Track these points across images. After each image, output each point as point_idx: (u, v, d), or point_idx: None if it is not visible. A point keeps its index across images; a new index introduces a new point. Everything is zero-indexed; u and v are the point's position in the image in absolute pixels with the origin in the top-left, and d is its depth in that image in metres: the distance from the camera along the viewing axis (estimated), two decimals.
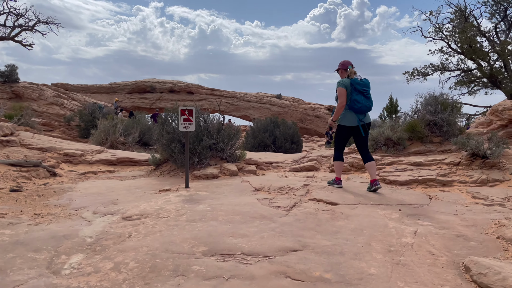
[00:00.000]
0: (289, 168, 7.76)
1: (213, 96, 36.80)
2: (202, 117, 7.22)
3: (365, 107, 5.10)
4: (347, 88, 5.12)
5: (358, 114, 5.16)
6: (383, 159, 7.16)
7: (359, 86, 5.07)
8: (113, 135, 12.13)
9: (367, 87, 5.14)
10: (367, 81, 5.22)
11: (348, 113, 5.20)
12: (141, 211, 4.18)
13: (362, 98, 5.06)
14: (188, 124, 5.39)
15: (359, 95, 5.05)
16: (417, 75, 15.32)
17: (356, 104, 5.06)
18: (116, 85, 36.66)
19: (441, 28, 14.49)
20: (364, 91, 5.09)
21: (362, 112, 5.15)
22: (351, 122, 5.19)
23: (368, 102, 5.11)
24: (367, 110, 5.16)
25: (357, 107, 5.06)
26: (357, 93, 5.06)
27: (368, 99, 5.12)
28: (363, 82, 5.14)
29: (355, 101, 5.06)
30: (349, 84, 5.13)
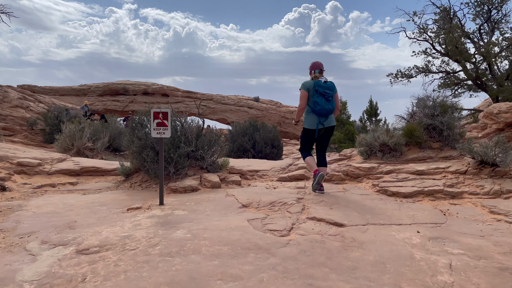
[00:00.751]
0: (276, 177, 7.00)
1: (189, 98, 35.72)
2: (179, 121, 6.36)
3: (325, 110, 5.07)
4: (309, 90, 5.13)
5: (320, 116, 5.15)
6: (380, 167, 6.50)
7: (321, 88, 5.06)
8: (80, 140, 11.06)
9: (329, 90, 5.11)
10: (332, 84, 5.18)
11: (310, 116, 5.22)
12: (102, 240, 3.30)
13: (323, 101, 5.06)
14: (162, 130, 4.54)
15: (320, 98, 5.06)
16: (401, 77, 14.95)
17: (316, 106, 5.07)
18: (86, 87, 35.04)
19: (425, 29, 14.16)
20: (326, 94, 5.07)
21: (322, 114, 5.12)
22: (311, 125, 5.22)
23: (328, 105, 5.08)
24: (327, 112, 5.12)
25: (317, 109, 5.07)
26: (318, 95, 5.06)
27: (328, 102, 5.09)
28: (326, 85, 5.11)
29: (315, 103, 5.07)
30: (312, 86, 5.13)
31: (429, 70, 14.57)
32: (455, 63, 14.29)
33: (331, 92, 5.12)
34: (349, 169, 6.54)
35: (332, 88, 5.15)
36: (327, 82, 5.17)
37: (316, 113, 5.13)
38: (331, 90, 5.13)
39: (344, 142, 10.73)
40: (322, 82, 5.12)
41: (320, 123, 5.18)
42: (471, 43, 14.21)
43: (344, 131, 10.82)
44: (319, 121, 5.17)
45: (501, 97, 12.87)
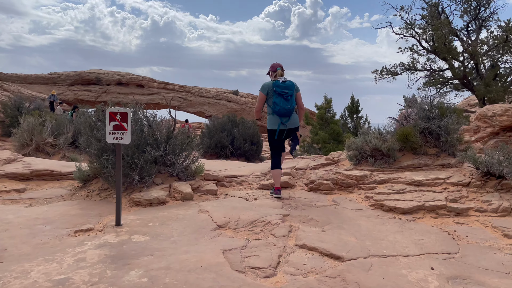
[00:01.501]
0: (257, 184, 6.25)
1: (165, 90, 34.49)
2: (145, 119, 5.51)
3: (284, 110, 5.05)
4: (268, 91, 5.13)
5: (282, 117, 5.12)
6: (373, 175, 5.84)
7: (279, 88, 5.06)
8: (40, 135, 10.00)
9: (288, 89, 5.09)
10: (291, 83, 5.15)
11: (272, 117, 5.20)
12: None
13: (281, 101, 5.05)
14: (120, 134, 3.69)
15: (278, 98, 5.05)
16: (386, 74, 14.42)
17: (275, 106, 5.06)
18: (57, 75, 33.26)
19: (413, 25, 13.63)
20: (284, 94, 5.06)
21: (282, 114, 5.10)
22: (273, 125, 5.21)
23: (287, 104, 5.06)
24: (287, 112, 5.09)
25: (276, 109, 5.06)
26: (277, 96, 5.06)
27: (287, 102, 5.07)
28: (285, 85, 5.09)
29: (274, 103, 5.07)
30: (270, 87, 5.12)
31: (415, 68, 14.08)
32: (442, 61, 13.85)
33: (290, 91, 5.10)
34: (339, 178, 5.85)
35: (291, 88, 5.13)
36: (285, 82, 5.13)
37: (277, 114, 5.10)
38: (290, 89, 5.11)
39: (329, 142, 10.08)
40: (281, 82, 5.10)
41: (282, 124, 5.15)
42: (458, 40, 13.81)
43: (329, 131, 10.17)
44: (281, 121, 5.14)
45: (487, 98, 12.53)
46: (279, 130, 5.15)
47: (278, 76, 5.22)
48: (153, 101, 33.77)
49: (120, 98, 33.32)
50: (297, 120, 5.36)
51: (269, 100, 5.16)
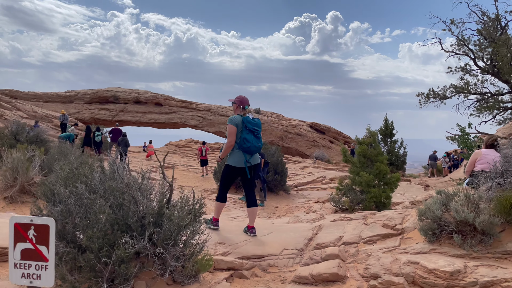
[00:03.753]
0: (290, 270, 4.34)
1: (184, 109, 33.12)
2: (125, 184, 3.69)
3: (255, 147, 4.97)
4: (238, 126, 4.96)
5: (246, 154, 4.99)
6: (468, 268, 3.84)
7: (250, 125, 4.93)
8: (25, 174, 8.41)
9: (258, 127, 5.03)
10: (259, 121, 5.13)
11: (237, 153, 5.03)
12: None
13: (252, 138, 4.94)
14: (35, 269, 1.87)
15: (249, 134, 4.93)
16: (433, 97, 12.44)
17: (246, 143, 4.91)
18: (74, 93, 32.40)
19: (467, 41, 11.62)
20: (255, 131, 4.97)
21: (251, 152, 5.00)
22: (238, 162, 5.03)
23: (258, 142, 5.00)
24: (256, 150, 5.03)
25: (246, 146, 4.92)
26: (247, 132, 4.93)
27: (258, 139, 5.01)
28: (255, 121, 5.01)
29: (245, 140, 4.92)
30: (240, 121, 4.96)
31: (468, 91, 12.01)
32: (504, 83, 11.73)
33: (259, 129, 5.05)
34: (417, 273, 3.87)
35: (260, 125, 5.09)
36: (254, 118, 5.06)
37: (245, 151, 4.96)
38: (259, 127, 5.06)
39: (375, 186, 8.08)
40: (251, 119, 5.00)
41: (247, 161, 5.03)
42: None
43: (374, 171, 8.17)
44: (246, 159, 5.01)
45: None
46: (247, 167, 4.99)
47: (248, 112, 5.05)
48: (172, 120, 32.46)
49: (137, 117, 32.15)
50: (258, 157, 5.22)
51: (237, 135, 4.95)
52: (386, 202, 8.48)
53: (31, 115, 26.06)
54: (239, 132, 4.96)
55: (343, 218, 5.84)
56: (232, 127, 4.92)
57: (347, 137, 35.93)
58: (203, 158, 19.71)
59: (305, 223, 6.26)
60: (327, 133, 34.78)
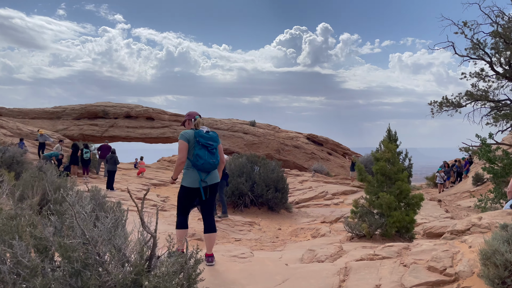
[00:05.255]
0: None
1: (177, 122, 31.97)
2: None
3: (209, 165, 4.48)
4: (190, 141, 4.50)
5: (201, 172, 4.49)
6: None
7: (203, 139, 4.47)
8: None
9: (213, 141, 4.57)
10: (215, 135, 4.67)
11: (191, 172, 4.53)
12: None
13: (206, 154, 4.47)
14: None
15: (202, 150, 4.47)
16: (446, 106, 11.53)
17: (198, 160, 4.44)
18: (61, 109, 31.14)
19: (482, 45, 10.72)
20: (209, 146, 4.51)
21: (205, 170, 4.50)
22: (192, 183, 4.51)
23: (212, 159, 4.51)
24: (211, 167, 4.52)
25: (199, 163, 4.44)
26: (200, 147, 4.47)
27: (213, 155, 4.54)
28: (209, 135, 4.56)
29: (197, 156, 4.45)
30: (192, 136, 4.51)
31: (486, 98, 11.09)
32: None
33: (214, 143, 4.58)
34: None
35: (215, 139, 4.62)
36: (209, 132, 4.60)
37: (198, 169, 4.47)
38: (214, 141, 4.60)
39: (396, 208, 7.01)
40: (204, 132, 4.53)
41: (202, 181, 4.49)
42: None
43: (394, 191, 7.11)
44: (201, 178, 4.48)
45: None
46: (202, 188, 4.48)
47: (200, 125, 4.60)
48: (164, 134, 31.30)
49: (128, 132, 30.96)
50: (217, 175, 4.72)
51: (189, 151, 4.51)
52: (409, 226, 7.39)
53: (16, 132, 24.76)
54: (191, 148, 4.51)
55: (373, 256, 4.73)
56: (182, 142, 4.48)
57: (346, 148, 34.99)
58: None
59: (324, 261, 5.14)
60: (325, 144, 33.80)
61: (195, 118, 4.68)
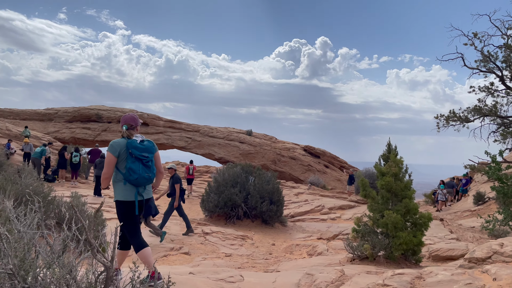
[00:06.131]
0: None
1: (172, 129, 31.31)
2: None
3: (143, 179, 3.95)
4: (120, 153, 3.89)
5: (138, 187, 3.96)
6: None
7: (137, 151, 3.90)
8: None
9: (148, 153, 3.99)
10: (151, 145, 4.05)
11: (125, 186, 3.95)
12: None
13: (140, 167, 3.93)
14: None
15: (136, 163, 3.91)
16: (453, 120, 10.99)
17: (132, 174, 3.89)
18: (54, 111, 30.41)
19: (494, 57, 10.23)
20: (144, 158, 3.95)
21: (139, 185, 3.97)
22: (128, 195, 3.95)
23: (147, 172, 3.98)
24: (146, 182, 4.01)
25: (133, 178, 3.89)
26: (133, 160, 3.90)
27: (148, 169, 3.99)
28: (144, 146, 3.97)
29: (130, 170, 3.89)
30: (124, 147, 3.91)
31: (496, 114, 10.54)
32: None
33: (150, 155, 4.02)
34: None
35: (151, 150, 4.05)
36: (144, 142, 4.00)
37: (133, 183, 3.91)
38: (150, 152, 4.02)
39: (403, 229, 6.38)
40: (138, 143, 3.94)
41: (139, 194, 3.97)
42: None
43: (401, 209, 6.48)
44: (138, 191, 3.96)
45: None
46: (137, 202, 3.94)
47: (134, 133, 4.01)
48: (158, 141, 30.58)
49: None
50: (151, 189, 4.22)
51: (121, 164, 3.93)
52: (416, 249, 6.74)
53: (4, 133, 24.02)
54: (123, 161, 3.94)
55: (382, 287, 4.07)
56: (110, 155, 3.88)
57: (343, 161, 34.41)
58: (190, 177, 19.86)
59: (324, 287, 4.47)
60: (322, 157, 33.21)
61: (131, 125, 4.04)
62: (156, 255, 8.80)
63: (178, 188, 10.28)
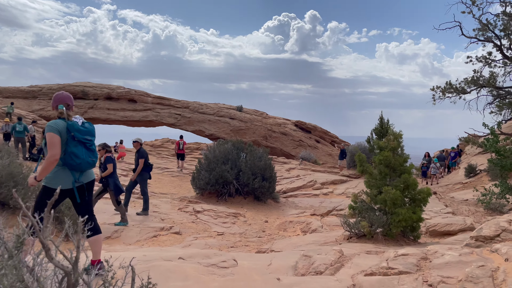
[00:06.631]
0: None
1: (160, 105, 30.63)
2: None
3: (87, 164, 3.66)
4: (62, 134, 3.53)
5: (74, 172, 3.65)
6: None
7: (79, 134, 3.58)
8: None
9: (90, 136, 3.71)
10: (92, 127, 3.78)
11: (61, 171, 3.60)
12: None
13: (83, 151, 3.63)
14: None
15: (78, 147, 3.59)
16: (449, 92, 10.68)
17: (74, 159, 3.56)
18: (38, 88, 29.42)
19: (492, 25, 9.79)
20: (87, 142, 3.66)
21: (83, 170, 3.68)
22: (64, 183, 3.58)
23: (91, 157, 3.70)
24: (89, 167, 3.72)
25: (76, 163, 3.56)
26: (76, 144, 3.58)
27: (92, 153, 3.73)
28: (86, 129, 3.67)
29: (73, 154, 3.56)
30: (64, 129, 3.54)
31: (493, 85, 10.21)
32: None
33: (93, 138, 3.78)
34: None
35: (93, 133, 3.78)
36: (85, 124, 3.70)
37: (73, 169, 3.59)
38: (92, 135, 3.76)
39: (401, 205, 6.12)
40: (80, 125, 3.62)
41: (76, 181, 3.64)
42: None
43: (401, 184, 6.21)
44: (75, 178, 3.64)
45: None
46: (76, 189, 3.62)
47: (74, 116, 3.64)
48: (147, 118, 29.95)
49: (109, 115, 29.53)
50: (92, 172, 3.85)
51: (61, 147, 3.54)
52: (416, 225, 6.52)
53: None
54: (63, 144, 3.59)
55: (386, 270, 3.79)
56: (54, 136, 3.48)
57: (334, 136, 34.23)
58: (180, 152, 19.81)
59: (323, 271, 4.20)
60: (313, 132, 32.95)
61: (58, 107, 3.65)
62: (145, 235, 8.50)
63: (142, 162, 9.51)
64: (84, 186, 3.76)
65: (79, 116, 3.78)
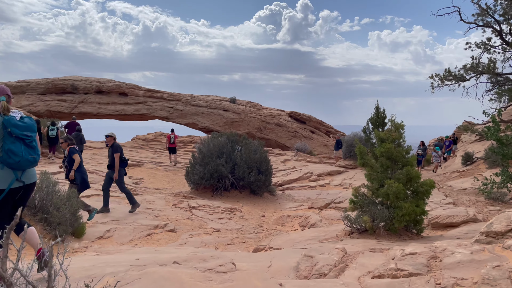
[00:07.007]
0: None
1: (152, 98, 30.13)
2: None
3: (27, 162, 3.37)
4: None
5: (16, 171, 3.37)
6: None
7: (17, 129, 3.30)
8: None
9: (30, 131, 3.41)
10: (32, 122, 3.46)
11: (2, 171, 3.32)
12: None
13: (23, 149, 3.35)
14: None
15: (16, 143, 3.31)
16: (448, 79, 10.45)
17: (13, 157, 3.28)
18: (26, 83, 28.78)
19: (492, 10, 9.54)
20: (26, 138, 3.37)
21: (23, 168, 3.39)
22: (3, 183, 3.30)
23: (32, 154, 3.40)
24: (30, 165, 3.42)
25: (14, 162, 3.29)
26: (13, 141, 3.31)
27: (32, 150, 3.42)
28: (25, 124, 3.37)
29: (10, 152, 3.29)
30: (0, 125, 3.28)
31: (493, 72, 9.99)
32: None
33: (33, 134, 3.43)
34: None
35: (33, 128, 3.45)
36: (24, 118, 3.40)
37: (12, 167, 3.31)
38: (32, 131, 3.43)
39: (404, 199, 5.89)
40: (18, 120, 3.33)
41: (18, 180, 3.37)
42: None
43: (403, 177, 5.97)
44: (16, 177, 3.37)
45: None
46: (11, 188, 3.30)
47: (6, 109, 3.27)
48: (138, 111, 29.47)
49: (99, 109, 29.01)
50: (35, 173, 3.58)
51: None
52: (419, 219, 6.30)
53: None
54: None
55: (395, 272, 3.55)
56: None
57: (329, 126, 34.02)
58: (171, 146, 19.45)
59: (327, 273, 3.96)
60: (308, 123, 32.70)
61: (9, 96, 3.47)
62: (139, 234, 8.23)
63: (118, 158, 8.82)
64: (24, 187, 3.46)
65: (17, 110, 3.51)
